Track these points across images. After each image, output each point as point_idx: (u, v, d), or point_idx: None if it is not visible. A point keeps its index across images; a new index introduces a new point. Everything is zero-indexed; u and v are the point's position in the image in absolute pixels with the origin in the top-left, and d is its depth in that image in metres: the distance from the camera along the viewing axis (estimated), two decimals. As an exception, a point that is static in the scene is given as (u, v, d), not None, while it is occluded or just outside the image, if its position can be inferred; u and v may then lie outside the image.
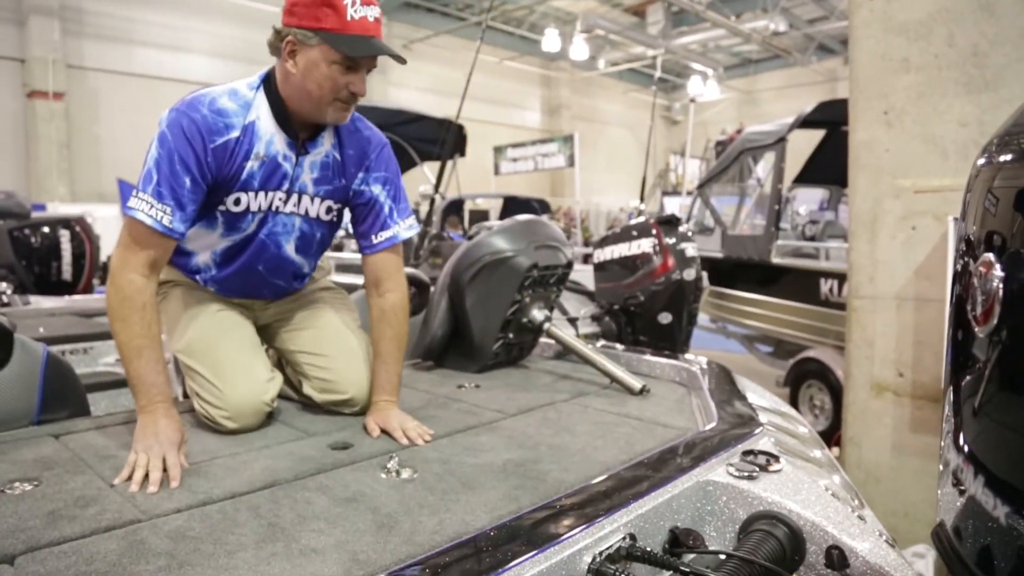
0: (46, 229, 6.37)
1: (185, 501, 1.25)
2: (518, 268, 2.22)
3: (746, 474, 1.32)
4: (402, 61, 1.63)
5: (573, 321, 3.17)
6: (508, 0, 15.28)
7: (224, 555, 1.05)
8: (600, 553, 1.05)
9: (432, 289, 2.43)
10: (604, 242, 3.91)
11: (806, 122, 5.74)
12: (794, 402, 4.90)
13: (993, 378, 0.70)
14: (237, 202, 1.67)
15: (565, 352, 2.49)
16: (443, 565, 0.99)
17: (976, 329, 0.73)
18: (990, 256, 0.75)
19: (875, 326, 3.00)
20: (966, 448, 0.73)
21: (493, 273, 2.25)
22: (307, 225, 1.80)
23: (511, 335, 2.32)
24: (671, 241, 3.66)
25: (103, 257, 6.11)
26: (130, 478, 1.33)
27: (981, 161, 1.00)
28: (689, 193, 9.10)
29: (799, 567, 1.21)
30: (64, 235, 6.80)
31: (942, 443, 0.81)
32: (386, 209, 1.80)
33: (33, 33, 11.98)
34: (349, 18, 1.52)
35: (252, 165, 1.63)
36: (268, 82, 1.66)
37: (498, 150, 15.55)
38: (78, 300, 5.03)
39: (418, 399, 2.01)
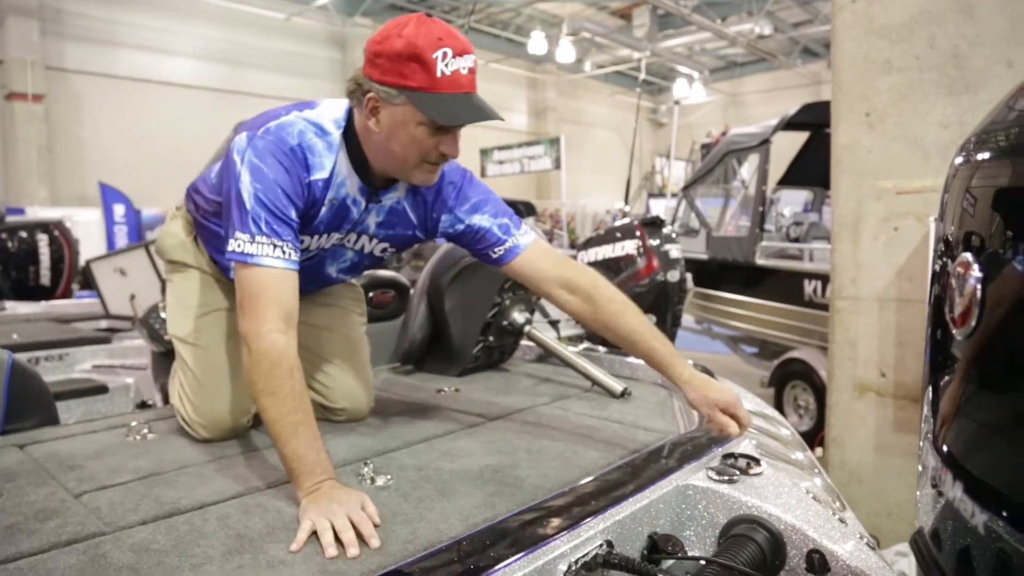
0: (23, 233, 6.28)
1: (151, 512, 1.21)
2: (498, 270, 2.19)
3: (726, 478, 1.30)
4: (500, 119, 1.43)
5: (555, 324, 3.15)
6: (494, 3, 15.26)
7: (189, 568, 1.02)
8: (576, 561, 1.03)
9: (412, 292, 2.40)
10: (588, 244, 3.90)
11: (790, 124, 5.75)
12: (778, 403, 4.90)
13: (971, 380, 0.68)
14: (302, 242, 1.54)
15: (546, 355, 2.46)
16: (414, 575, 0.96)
17: (954, 331, 0.72)
18: (968, 256, 0.74)
19: (858, 327, 3.00)
20: (945, 451, 0.72)
21: (473, 275, 2.22)
22: (358, 257, 1.72)
23: (491, 338, 2.30)
24: (655, 243, 3.65)
25: (82, 262, 6.03)
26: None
27: (959, 160, 0.99)
28: (674, 195, 9.11)
29: (780, 572, 1.19)
30: (42, 239, 6.71)
31: (921, 444, 0.79)
32: (494, 229, 1.62)
33: (11, 34, 11.84)
34: (439, 74, 1.32)
35: (324, 210, 1.51)
36: (349, 122, 1.49)
37: (484, 152, 15.54)
38: (56, 305, 4.96)
39: (396, 403, 1.98)
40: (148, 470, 1.43)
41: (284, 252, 1.37)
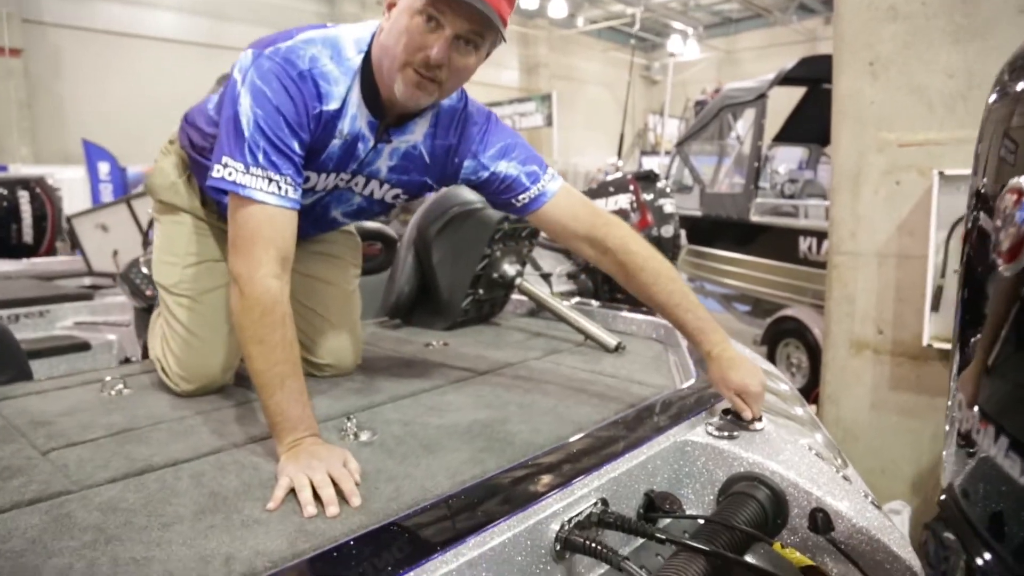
0: (4, 190, 6.15)
1: (122, 470, 1.15)
2: (488, 220, 2.12)
3: (726, 434, 1.25)
4: (500, 35, 1.29)
5: (546, 277, 3.08)
6: (484, -46, 14.86)
7: (158, 528, 0.96)
8: (569, 520, 0.97)
9: (399, 244, 2.32)
10: (581, 199, 3.81)
11: (787, 79, 5.63)
12: (771, 360, 4.88)
13: (1020, 321, 0.62)
14: (306, 180, 1.41)
15: (538, 309, 2.40)
16: (397, 535, 0.90)
17: (1000, 268, 0.64)
18: (1020, 181, 0.66)
19: (856, 283, 2.94)
20: (983, 405, 0.65)
21: (462, 226, 2.14)
22: (366, 203, 1.58)
23: (481, 291, 2.23)
24: (649, 197, 3.57)
25: (64, 220, 5.93)
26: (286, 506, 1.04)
27: (992, 98, 0.89)
28: (667, 153, 8.99)
29: (782, 531, 1.14)
30: (23, 196, 6.59)
31: (949, 402, 0.73)
32: (521, 177, 1.49)
33: (-16, -15, 11.47)
34: None
35: (335, 143, 1.39)
36: (372, 48, 1.36)
37: (475, 109, 15.28)
38: (38, 263, 4.87)
39: (383, 358, 1.92)
40: (121, 426, 1.36)
41: (280, 188, 1.26)
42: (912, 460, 2.84)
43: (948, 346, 2.61)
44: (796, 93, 6.39)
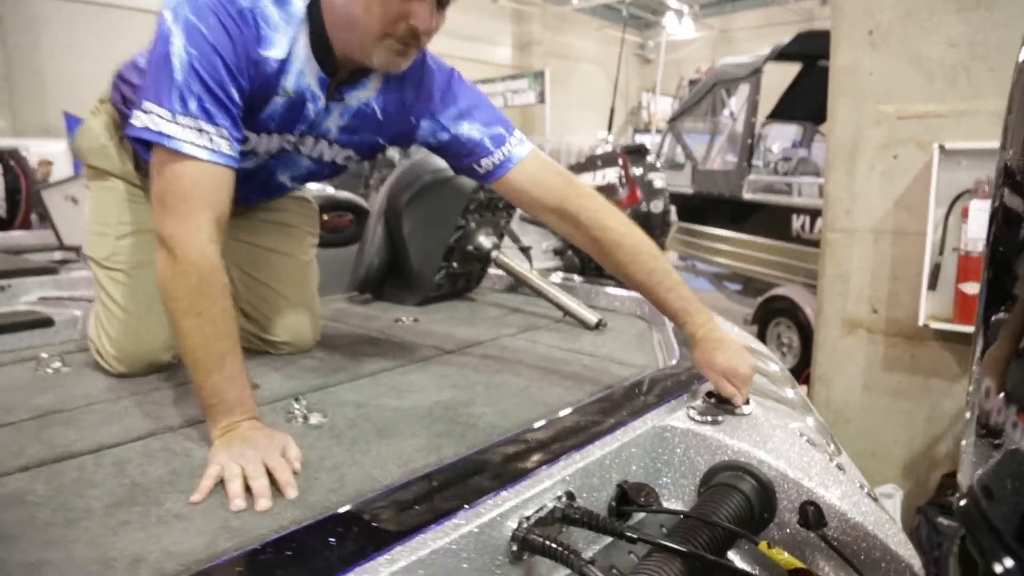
0: (-27, 163, 6.00)
1: (37, 456, 1.03)
2: (462, 189, 1.99)
3: (709, 418, 1.13)
4: None
5: (525, 250, 2.95)
6: (476, -74, 14.59)
7: (62, 524, 0.84)
8: (528, 517, 0.85)
9: (371, 216, 2.19)
10: (567, 173, 3.68)
11: (782, 55, 5.49)
12: (761, 340, 4.80)
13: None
14: (245, 141, 1.27)
15: (516, 284, 2.28)
16: (330, 533, 0.79)
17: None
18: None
19: (850, 261, 2.84)
20: (1012, 394, 0.55)
21: (434, 194, 2.01)
22: (316, 166, 1.45)
23: (455, 264, 2.11)
24: (638, 172, 3.45)
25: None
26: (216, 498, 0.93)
27: (1023, 57, 0.76)
28: (659, 131, 8.84)
29: (769, 526, 1.04)
30: (-4, 169, 6.41)
31: (970, 388, 0.62)
32: (485, 141, 1.35)
33: (-40, -49, 11.16)
34: None
35: (277, 101, 1.25)
36: None
37: (466, 86, 15.08)
38: (7, 236, 4.71)
39: (346, 335, 1.79)
40: (48, 407, 1.24)
41: (212, 141, 1.10)
42: (904, 443, 2.76)
43: (944, 326, 2.55)
44: (790, 71, 6.26)
